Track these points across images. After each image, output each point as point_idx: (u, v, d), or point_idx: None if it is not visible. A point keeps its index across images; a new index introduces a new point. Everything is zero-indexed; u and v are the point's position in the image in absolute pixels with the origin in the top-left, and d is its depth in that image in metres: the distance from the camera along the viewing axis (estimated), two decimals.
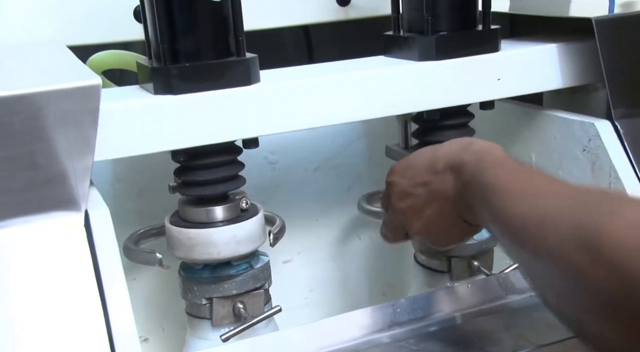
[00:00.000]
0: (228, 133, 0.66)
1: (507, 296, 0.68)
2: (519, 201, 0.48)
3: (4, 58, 0.70)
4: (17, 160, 0.54)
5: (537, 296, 0.49)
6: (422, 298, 0.67)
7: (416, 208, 0.60)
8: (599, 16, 0.72)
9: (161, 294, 0.87)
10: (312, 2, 0.94)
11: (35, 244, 0.56)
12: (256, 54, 0.67)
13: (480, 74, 0.75)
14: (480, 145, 0.57)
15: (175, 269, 0.75)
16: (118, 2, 0.84)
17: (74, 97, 0.55)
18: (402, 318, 0.65)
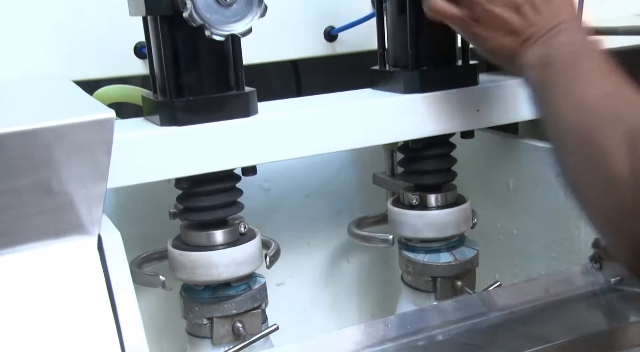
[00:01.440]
0: (229, 162, 0.70)
1: (489, 313, 0.73)
2: None
3: (17, 92, 0.74)
4: (36, 188, 0.58)
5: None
6: (412, 315, 0.71)
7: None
8: None
9: (161, 315, 0.90)
10: (302, 38, 0.99)
11: (52, 267, 0.59)
12: (254, 88, 0.72)
13: (461, 105, 0.80)
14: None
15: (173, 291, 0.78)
16: (119, 40, 0.88)
17: (90, 130, 0.58)
18: (393, 334, 0.69)
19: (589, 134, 0.57)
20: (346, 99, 0.78)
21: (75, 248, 0.60)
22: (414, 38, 0.78)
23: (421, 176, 0.84)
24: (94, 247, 0.61)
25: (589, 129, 0.57)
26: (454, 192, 0.85)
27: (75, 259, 0.60)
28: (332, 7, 0.99)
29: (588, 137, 0.57)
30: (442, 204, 0.84)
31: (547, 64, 0.63)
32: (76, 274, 0.59)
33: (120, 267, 0.61)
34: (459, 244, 0.86)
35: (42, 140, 0.57)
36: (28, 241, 0.59)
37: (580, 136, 0.58)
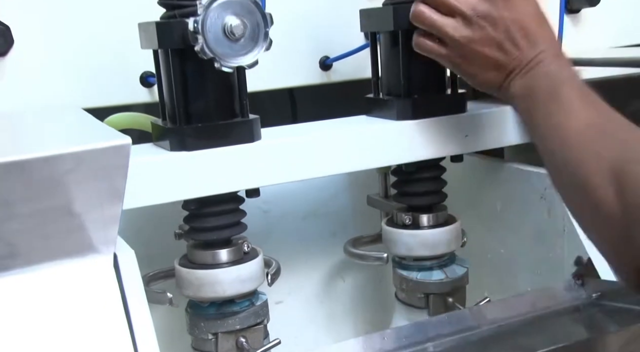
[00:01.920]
0: (234, 184, 0.74)
1: (480, 326, 0.77)
2: None
3: (33, 119, 0.78)
4: (57, 209, 0.62)
5: None
6: (407, 328, 0.75)
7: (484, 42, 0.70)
8: None
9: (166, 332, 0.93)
10: (298, 67, 1.04)
11: (71, 284, 0.63)
12: (257, 115, 0.77)
13: (450, 131, 0.85)
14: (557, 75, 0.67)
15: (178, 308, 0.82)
16: (125, 70, 0.93)
17: (109, 154, 0.62)
18: (390, 346, 0.73)
19: (574, 168, 0.61)
20: (343, 125, 0.83)
21: (92, 266, 0.64)
22: (405, 68, 0.83)
23: (413, 197, 0.89)
24: (109, 264, 0.65)
25: (574, 163, 0.61)
26: (445, 212, 0.90)
27: (92, 276, 0.64)
28: (326, 38, 1.04)
29: (574, 171, 0.61)
30: (434, 224, 0.88)
31: (529, 95, 0.68)
32: (94, 290, 0.63)
33: (134, 284, 0.65)
34: (450, 262, 0.90)
35: (64, 165, 0.61)
36: (49, 258, 0.62)
37: (567, 170, 0.62)
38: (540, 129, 0.66)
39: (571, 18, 1.32)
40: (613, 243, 0.58)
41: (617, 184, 0.57)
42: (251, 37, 0.67)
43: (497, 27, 0.70)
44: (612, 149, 0.60)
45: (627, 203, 0.56)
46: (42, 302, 0.62)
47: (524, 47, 0.70)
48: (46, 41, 0.88)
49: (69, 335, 0.61)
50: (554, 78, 0.68)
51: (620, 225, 0.56)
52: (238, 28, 0.66)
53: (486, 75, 0.72)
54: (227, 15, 0.66)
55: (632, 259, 0.56)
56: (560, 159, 0.63)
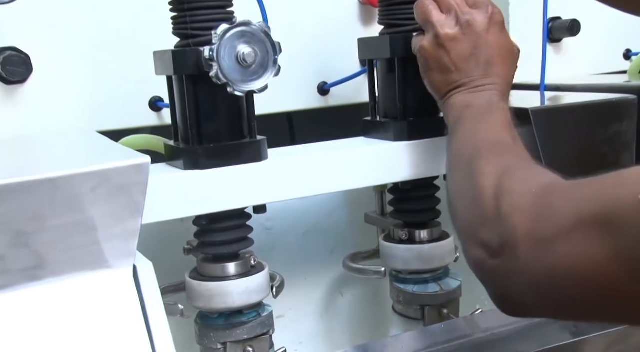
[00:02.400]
0: (243, 201, 0.79)
1: (473, 334, 0.81)
2: None
3: (53, 141, 0.83)
4: (82, 223, 0.66)
5: None
6: (405, 337, 0.80)
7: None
8: (535, 107, 0.88)
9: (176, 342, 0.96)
10: (296, 92, 1.09)
11: (93, 294, 0.67)
12: (265, 136, 0.82)
13: (444, 151, 0.89)
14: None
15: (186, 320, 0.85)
16: (135, 95, 0.98)
17: (130, 172, 0.67)
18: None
19: (471, 160, 0.68)
20: (345, 146, 0.88)
21: (113, 277, 0.68)
22: (401, 93, 0.88)
23: (410, 214, 0.94)
24: (129, 276, 0.69)
25: (474, 158, 0.68)
26: (439, 228, 0.95)
27: (113, 286, 0.68)
28: (324, 64, 1.09)
29: (470, 161, 0.68)
30: (429, 239, 0.93)
31: (465, 107, 0.76)
32: (115, 300, 0.67)
33: (153, 294, 0.68)
34: (444, 275, 0.95)
35: (89, 182, 0.65)
36: (74, 270, 0.66)
37: (465, 161, 0.69)
38: (460, 133, 0.74)
39: (553, 47, 1.39)
40: (475, 223, 0.63)
41: (496, 191, 0.62)
42: (261, 64, 0.72)
43: (472, 41, 0.78)
44: (504, 163, 0.66)
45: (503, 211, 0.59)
46: (67, 311, 0.66)
47: (480, 73, 0.78)
48: (62, 69, 0.93)
49: (91, 344, 0.65)
50: (491, 104, 0.75)
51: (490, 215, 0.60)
52: (250, 56, 0.71)
53: (438, 77, 0.80)
54: (240, 44, 0.71)
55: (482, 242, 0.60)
56: (464, 151, 0.71)
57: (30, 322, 0.64)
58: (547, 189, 0.57)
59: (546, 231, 0.54)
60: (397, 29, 0.89)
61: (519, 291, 0.57)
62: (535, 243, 0.54)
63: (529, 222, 0.55)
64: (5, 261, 0.63)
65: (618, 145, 0.93)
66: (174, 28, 0.79)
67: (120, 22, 0.94)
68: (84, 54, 0.93)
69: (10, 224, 0.63)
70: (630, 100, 0.93)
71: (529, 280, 0.56)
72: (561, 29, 1.34)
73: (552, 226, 0.53)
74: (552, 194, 0.56)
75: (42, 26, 0.91)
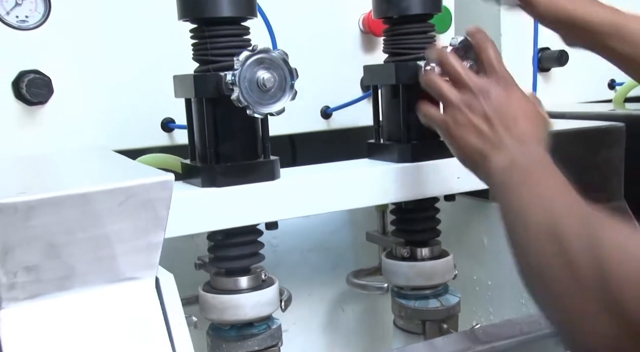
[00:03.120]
0: (257, 217, 0.82)
1: (474, 347, 0.85)
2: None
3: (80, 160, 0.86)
4: (110, 236, 0.69)
5: None
6: (408, 349, 0.83)
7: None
8: None
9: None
10: (301, 115, 1.14)
11: (119, 304, 0.70)
12: (277, 157, 0.86)
13: (445, 173, 0.94)
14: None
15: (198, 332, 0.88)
16: (148, 116, 1.01)
17: (156, 188, 0.70)
18: None
19: (555, 234, 0.59)
20: (351, 167, 0.92)
21: (137, 287, 0.71)
22: (405, 117, 0.93)
23: (412, 233, 0.98)
24: (152, 287, 0.72)
25: (557, 230, 0.59)
26: (439, 247, 0.99)
27: (137, 297, 0.71)
28: (328, 89, 1.14)
29: (555, 236, 0.59)
30: (429, 256, 0.97)
31: (513, 166, 0.69)
32: (139, 309, 0.70)
33: (175, 305, 0.71)
34: (444, 291, 0.98)
35: (117, 197, 0.69)
36: (101, 280, 0.69)
37: (546, 235, 0.60)
38: (519, 197, 0.66)
39: (543, 76, 1.45)
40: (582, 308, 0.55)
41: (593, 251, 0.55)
42: (279, 88, 0.76)
43: (493, 110, 0.73)
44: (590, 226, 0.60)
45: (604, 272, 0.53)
46: (93, 320, 0.68)
47: (512, 133, 0.73)
48: (81, 92, 0.97)
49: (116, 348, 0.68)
50: (537, 159, 0.70)
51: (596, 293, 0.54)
52: (269, 81, 0.75)
53: (470, 140, 0.74)
54: (260, 70, 0.75)
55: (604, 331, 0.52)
56: (543, 226, 0.61)
57: (59, 330, 0.67)
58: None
59: None
60: (402, 58, 0.93)
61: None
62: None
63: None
64: (38, 271, 0.66)
65: (607, 171, 0.98)
66: (194, 54, 0.83)
67: (136, 49, 0.98)
68: (101, 77, 0.97)
69: (43, 236, 0.66)
70: (619, 128, 0.98)
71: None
72: (550, 58, 1.41)
73: None
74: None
75: (64, 51, 0.95)
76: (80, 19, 0.96)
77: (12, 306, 0.66)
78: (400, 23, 0.94)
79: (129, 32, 0.98)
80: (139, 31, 0.99)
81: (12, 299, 0.66)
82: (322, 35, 1.14)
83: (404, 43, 0.94)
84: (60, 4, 0.95)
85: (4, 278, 0.65)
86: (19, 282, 0.66)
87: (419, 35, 0.94)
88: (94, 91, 0.98)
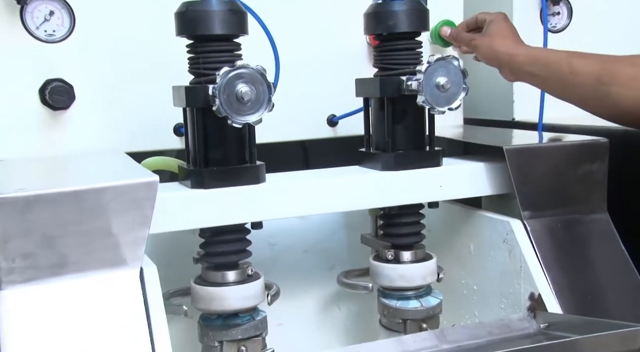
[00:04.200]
0: (242, 217, 0.90)
1: (440, 345, 0.89)
2: None
3: (85, 161, 0.95)
4: (99, 230, 0.78)
5: None
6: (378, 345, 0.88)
7: None
8: (508, 146, 0.97)
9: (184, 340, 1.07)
10: (308, 123, 1.21)
11: (105, 290, 0.78)
12: (263, 162, 0.92)
13: (427, 181, 0.99)
14: None
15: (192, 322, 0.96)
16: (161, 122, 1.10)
17: (142, 188, 0.79)
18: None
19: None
20: (336, 173, 0.98)
21: (123, 276, 0.79)
22: (390, 128, 0.98)
23: (396, 237, 1.03)
24: (136, 276, 0.80)
25: None
26: (422, 251, 1.04)
27: (123, 284, 0.79)
28: (333, 99, 1.20)
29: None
30: (412, 260, 1.02)
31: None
32: (124, 295, 0.78)
33: (155, 292, 0.80)
34: (426, 293, 1.03)
35: (106, 195, 0.77)
36: (90, 268, 0.78)
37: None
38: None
39: None
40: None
41: None
42: (257, 101, 0.83)
43: None
44: None
45: None
46: (82, 303, 0.77)
47: None
48: (100, 98, 1.07)
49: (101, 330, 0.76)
50: None
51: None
52: (247, 94, 0.82)
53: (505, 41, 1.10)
54: (239, 84, 0.82)
55: None
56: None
57: (52, 311, 0.76)
58: None
59: None
60: (387, 72, 0.99)
61: None
62: None
63: None
64: (34, 258, 0.76)
65: (590, 184, 1.00)
66: (190, 67, 0.91)
67: (150, 60, 1.07)
68: (120, 85, 1.07)
69: (39, 228, 0.75)
70: (602, 143, 1.00)
71: None
72: None
73: None
74: None
75: (85, 62, 1.05)
76: (101, 32, 1.06)
77: (11, 288, 0.75)
78: (388, 40, 0.99)
79: (145, 45, 1.08)
80: (154, 44, 1.08)
81: (11, 282, 0.75)
82: (330, 49, 1.20)
83: (390, 59, 0.99)
84: (84, 19, 1.05)
85: (4, 263, 0.74)
86: (17, 267, 0.75)
87: (406, 51, 0.99)
88: (112, 98, 1.07)
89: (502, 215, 1.02)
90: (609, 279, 0.95)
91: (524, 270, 0.96)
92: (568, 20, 1.45)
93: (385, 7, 0.98)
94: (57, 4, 1.04)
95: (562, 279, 0.94)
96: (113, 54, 1.07)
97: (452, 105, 0.95)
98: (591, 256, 0.97)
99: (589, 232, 0.99)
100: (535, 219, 0.98)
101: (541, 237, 0.97)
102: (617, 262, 0.97)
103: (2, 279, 0.75)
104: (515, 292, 0.99)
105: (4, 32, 1.02)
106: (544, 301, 0.93)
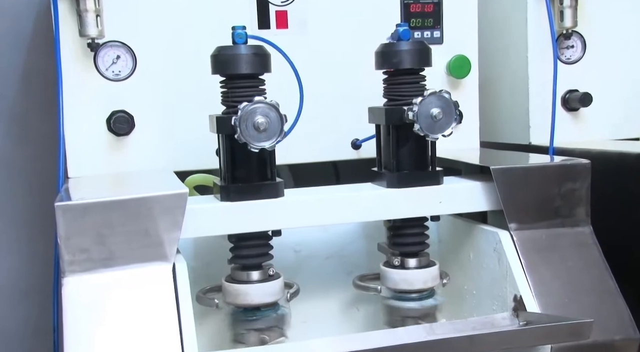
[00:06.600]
0: (262, 225, 1.04)
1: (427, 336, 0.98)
2: None
3: (138, 178, 1.13)
4: (140, 231, 0.94)
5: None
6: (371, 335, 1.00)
7: None
8: (496, 167, 1.07)
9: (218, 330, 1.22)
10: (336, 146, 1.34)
11: (144, 280, 0.94)
12: (282, 179, 1.07)
13: (427, 198, 1.10)
14: None
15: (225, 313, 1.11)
16: (204, 145, 1.26)
17: (172, 199, 0.94)
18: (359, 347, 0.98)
19: None
20: (347, 190, 1.11)
21: (159, 269, 0.95)
22: (395, 152, 1.11)
23: (400, 246, 1.14)
24: (169, 270, 0.95)
25: None
26: (427, 258, 1.15)
27: (158, 276, 0.95)
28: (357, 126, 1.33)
29: None
30: (416, 266, 1.13)
31: None
32: (158, 284, 0.94)
33: (184, 285, 0.95)
34: (428, 296, 1.14)
35: (146, 203, 0.94)
36: (133, 262, 0.94)
37: None
38: None
39: (572, 115, 1.54)
40: None
41: None
42: (272, 130, 0.98)
43: None
44: None
45: None
46: (126, 291, 0.93)
47: None
48: (155, 126, 1.24)
49: (139, 314, 0.92)
50: None
51: None
52: (262, 124, 0.97)
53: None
54: (257, 115, 0.97)
55: None
56: None
57: (102, 295, 0.92)
58: None
59: None
60: (393, 103, 1.12)
61: None
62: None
63: None
64: (90, 253, 0.92)
65: (573, 201, 1.09)
66: (222, 100, 1.07)
67: (197, 93, 1.24)
68: (171, 115, 1.24)
69: (93, 229, 0.92)
70: (584, 164, 1.09)
71: None
72: (575, 100, 1.50)
73: None
74: None
75: (144, 95, 1.23)
76: (157, 72, 1.24)
77: (72, 276, 0.92)
78: (394, 75, 1.12)
79: (191, 82, 1.25)
80: (198, 80, 1.24)
81: (72, 271, 0.92)
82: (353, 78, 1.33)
83: (395, 91, 1.12)
84: (143, 62, 1.23)
85: (67, 256, 0.92)
86: (76, 260, 0.92)
87: (410, 85, 1.11)
88: (165, 125, 1.25)
89: (493, 227, 1.12)
90: (585, 284, 1.04)
91: (509, 275, 1.05)
92: (582, 52, 1.53)
93: (392, 47, 1.11)
94: (123, 49, 1.23)
95: (542, 283, 1.03)
96: (166, 89, 1.25)
97: (444, 133, 1.06)
98: (571, 264, 1.05)
99: (570, 243, 1.07)
100: (521, 231, 1.08)
101: (526, 246, 1.06)
102: (594, 269, 1.05)
103: (66, 269, 0.92)
104: (503, 295, 1.08)
105: (81, 73, 1.22)
106: (524, 302, 1.02)
